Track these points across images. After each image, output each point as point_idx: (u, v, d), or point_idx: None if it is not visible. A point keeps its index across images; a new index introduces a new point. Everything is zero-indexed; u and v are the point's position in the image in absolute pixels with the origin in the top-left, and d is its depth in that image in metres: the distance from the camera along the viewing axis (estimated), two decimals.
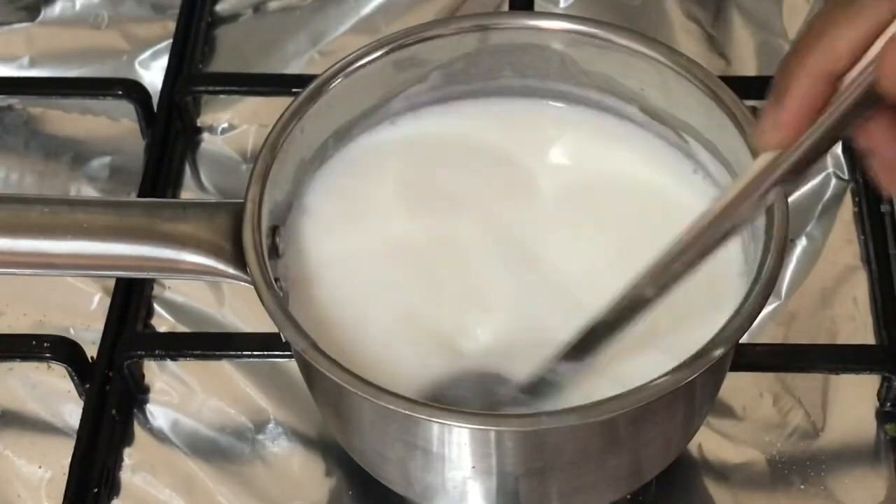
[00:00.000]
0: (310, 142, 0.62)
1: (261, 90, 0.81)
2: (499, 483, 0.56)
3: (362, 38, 0.78)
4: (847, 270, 0.73)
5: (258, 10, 0.88)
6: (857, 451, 0.67)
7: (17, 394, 0.71)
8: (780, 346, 0.70)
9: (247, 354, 0.69)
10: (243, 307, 0.73)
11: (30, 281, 0.73)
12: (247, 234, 0.55)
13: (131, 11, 0.88)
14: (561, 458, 0.55)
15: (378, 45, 0.62)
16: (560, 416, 0.51)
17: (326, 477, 0.68)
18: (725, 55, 0.83)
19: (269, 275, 0.55)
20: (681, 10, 0.85)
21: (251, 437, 0.69)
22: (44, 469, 0.69)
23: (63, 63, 0.86)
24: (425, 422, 0.52)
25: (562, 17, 0.63)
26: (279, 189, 0.59)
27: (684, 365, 0.51)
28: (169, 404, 0.70)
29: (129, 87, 0.80)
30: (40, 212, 0.57)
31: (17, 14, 0.87)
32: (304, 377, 0.60)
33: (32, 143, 0.82)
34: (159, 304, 0.74)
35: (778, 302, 0.72)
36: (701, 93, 0.59)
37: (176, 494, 0.67)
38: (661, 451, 0.59)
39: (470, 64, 0.64)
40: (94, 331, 0.72)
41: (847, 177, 0.77)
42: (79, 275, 0.73)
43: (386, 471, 0.60)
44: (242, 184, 0.58)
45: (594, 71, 0.63)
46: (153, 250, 0.56)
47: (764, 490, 0.66)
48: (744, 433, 0.68)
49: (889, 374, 0.67)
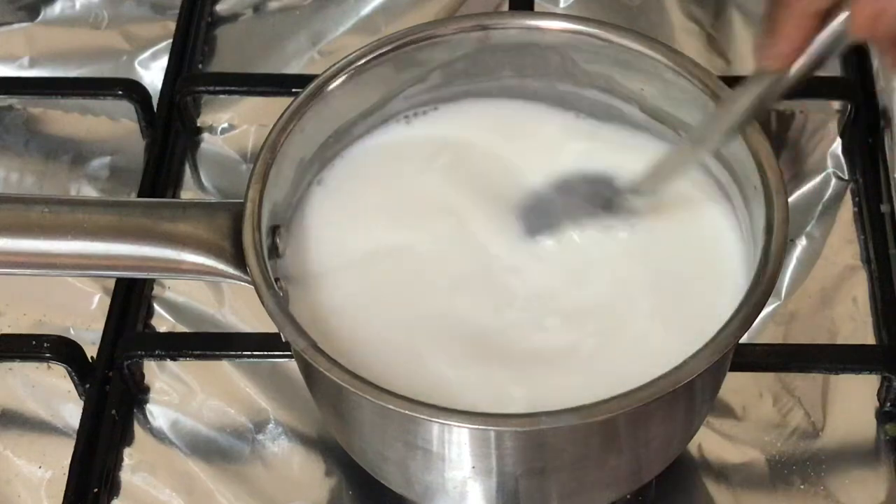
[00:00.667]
0: (310, 142, 0.62)
1: (261, 90, 0.81)
2: (499, 483, 0.56)
3: (362, 38, 0.78)
4: (847, 270, 0.73)
5: (258, 10, 0.88)
6: (857, 451, 0.67)
7: (17, 394, 0.71)
8: (780, 346, 0.70)
9: (247, 354, 0.69)
10: (243, 307, 0.73)
11: (30, 281, 0.73)
12: (247, 234, 0.56)
13: (131, 11, 0.88)
14: (561, 458, 0.55)
15: (378, 45, 0.62)
16: (560, 416, 0.51)
17: (326, 477, 0.68)
18: (725, 55, 0.83)
19: (269, 275, 0.55)
20: (681, 10, 0.85)
21: (251, 437, 0.69)
22: (44, 469, 0.69)
23: (63, 63, 0.86)
24: (425, 422, 0.52)
25: (562, 17, 0.63)
26: (279, 189, 0.59)
27: (684, 365, 0.51)
28: (169, 404, 0.70)
29: (129, 87, 0.80)
30: (40, 212, 0.57)
31: (17, 14, 0.87)
32: (304, 377, 0.60)
33: (32, 143, 0.82)
34: (159, 304, 0.74)
35: (778, 302, 0.72)
36: (701, 93, 0.59)
37: (176, 494, 0.67)
38: (661, 451, 0.59)
39: (470, 64, 0.64)
40: (94, 331, 0.72)
41: (847, 177, 0.77)
42: (79, 275, 0.73)
43: (386, 471, 0.60)
44: (242, 184, 0.58)
45: (594, 71, 0.63)
46: (153, 250, 0.56)
47: (764, 490, 0.66)
48: (744, 433, 0.68)
49: (889, 374, 0.67)
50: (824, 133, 0.79)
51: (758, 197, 0.56)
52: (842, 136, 0.78)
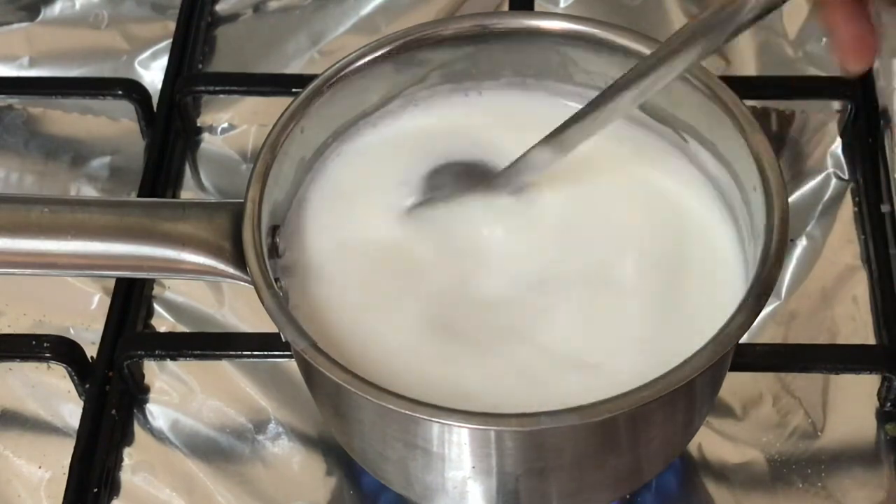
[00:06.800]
0: (310, 142, 0.62)
1: (261, 90, 0.81)
2: (499, 483, 0.56)
3: (362, 38, 0.78)
4: (847, 270, 0.73)
5: (258, 10, 0.88)
6: (857, 451, 0.67)
7: (17, 394, 0.71)
8: (780, 346, 0.70)
9: (247, 354, 0.69)
10: (243, 307, 0.73)
11: (30, 281, 0.73)
12: (247, 234, 0.55)
13: (131, 11, 0.88)
14: (561, 458, 0.55)
15: (378, 45, 0.62)
16: (560, 416, 0.51)
17: (326, 477, 0.68)
18: (725, 55, 0.83)
19: (269, 275, 0.55)
20: (681, 10, 0.85)
21: (251, 437, 0.69)
22: (44, 469, 0.69)
23: (63, 63, 0.86)
24: (425, 422, 0.52)
25: (562, 17, 0.63)
26: (279, 189, 0.59)
27: (684, 365, 0.51)
28: (169, 404, 0.70)
29: (129, 87, 0.80)
30: (40, 212, 0.57)
31: (17, 14, 0.88)
32: (304, 377, 0.60)
33: (32, 143, 0.82)
34: (159, 304, 0.74)
35: (778, 302, 0.72)
36: (701, 93, 0.59)
37: (176, 494, 0.67)
38: (661, 451, 0.59)
39: (470, 64, 0.64)
40: (94, 331, 0.72)
41: (847, 177, 0.77)
42: (79, 275, 0.73)
43: (386, 471, 0.60)
44: (242, 184, 0.58)
45: (594, 71, 0.63)
46: (153, 250, 0.56)
47: (764, 490, 0.66)
48: (744, 433, 0.68)
49: (889, 374, 0.67)
50: (824, 133, 0.79)
51: (758, 197, 0.56)
52: (842, 136, 0.78)
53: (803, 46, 0.83)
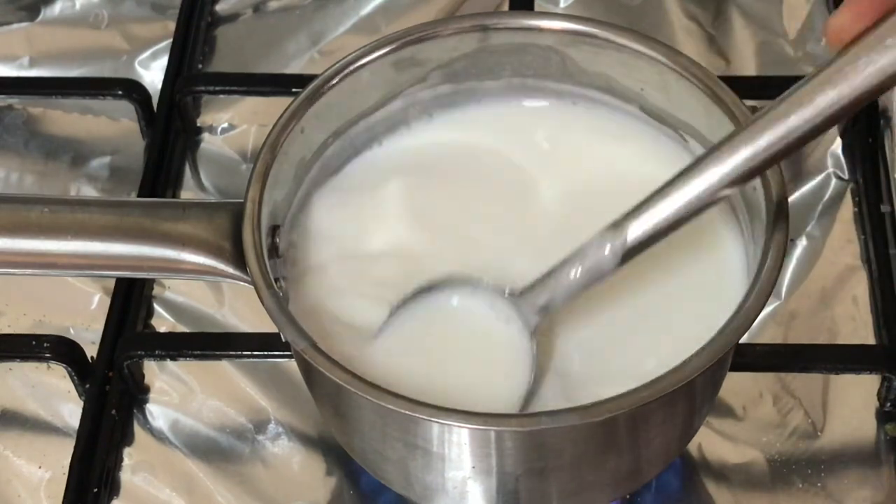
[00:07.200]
0: (310, 142, 0.62)
1: (261, 90, 0.81)
2: (499, 483, 0.56)
3: (362, 38, 0.78)
4: (847, 270, 0.73)
5: (258, 10, 0.88)
6: (857, 451, 0.67)
7: (17, 394, 0.71)
8: (780, 346, 0.70)
9: (247, 354, 0.69)
10: (243, 307, 0.73)
11: (30, 281, 0.73)
12: (247, 234, 0.55)
13: (131, 11, 0.88)
14: (561, 458, 0.55)
15: (378, 45, 0.62)
16: (560, 416, 0.51)
17: (326, 477, 0.68)
18: (725, 55, 0.83)
19: (269, 275, 0.55)
20: (681, 10, 0.85)
21: (251, 437, 0.69)
22: (44, 469, 0.69)
23: (63, 63, 0.86)
24: (425, 422, 0.52)
25: (562, 17, 0.63)
26: (279, 189, 0.59)
27: (684, 365, 0.51)
28: (169, 404, 0.70)
29: (129, 87, 0.80)
30: (40, 212, 0.56)
31: (17, 14, 0.88)
32: (304, 377, 0.60)
33: (32, 143, 0.82)
34: (159, 304, 0.74)
35: (778, 302, 0.72)
36: (701, 93, 0.59)
37: (176, 494, 0.67)
38: (661, 451, 0.59)
39: (470, 64, 0.64)
40: (94, 331, 0.72)
41: (847, 177, 0.77)
42: (79, 275, 0.73)
43: (386, 471, 0.60)
44: (242, 184, 0.58)
45: (594, 71, 0.63)
46: (153, 250, 0.56)
47: (764, 490, 0.66)
48: (744, 433, 0.68)
49: (889, 374, 0.67)
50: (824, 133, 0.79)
51: (758, 197, 0.56)
52: (842, 136, 0.78)
53: (803, 46, 0.83)
